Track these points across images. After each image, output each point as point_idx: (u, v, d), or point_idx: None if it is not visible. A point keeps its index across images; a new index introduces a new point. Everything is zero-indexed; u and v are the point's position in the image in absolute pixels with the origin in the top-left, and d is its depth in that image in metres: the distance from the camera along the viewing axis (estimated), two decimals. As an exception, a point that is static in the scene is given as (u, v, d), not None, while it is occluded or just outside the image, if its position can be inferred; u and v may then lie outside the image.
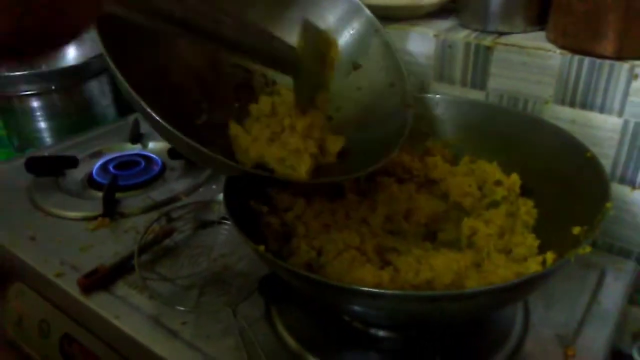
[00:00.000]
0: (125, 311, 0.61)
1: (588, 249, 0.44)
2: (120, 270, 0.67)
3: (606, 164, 0.70)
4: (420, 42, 0.80)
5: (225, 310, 0.60)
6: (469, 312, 0.46)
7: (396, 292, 0.43)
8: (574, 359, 0.54)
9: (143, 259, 0.68)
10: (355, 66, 0.68)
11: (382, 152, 0.59)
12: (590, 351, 0.55)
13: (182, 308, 0.60)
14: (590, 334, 0.57)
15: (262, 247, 0.47)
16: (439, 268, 0.50)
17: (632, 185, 0.69)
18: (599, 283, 0.64)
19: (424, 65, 0.81)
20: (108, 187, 0.79)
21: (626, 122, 0.67)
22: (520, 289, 0.43)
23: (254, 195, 0.60)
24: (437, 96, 0.73)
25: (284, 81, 0.63)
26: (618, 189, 0.70)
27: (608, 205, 0.48)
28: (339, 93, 0.65)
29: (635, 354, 0.75)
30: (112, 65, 0.47)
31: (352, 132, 0.63)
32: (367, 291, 0.42)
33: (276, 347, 0.56)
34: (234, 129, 0.59)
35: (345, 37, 0.68)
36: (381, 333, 0.56)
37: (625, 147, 0.68)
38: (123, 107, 1.20)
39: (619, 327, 0.69)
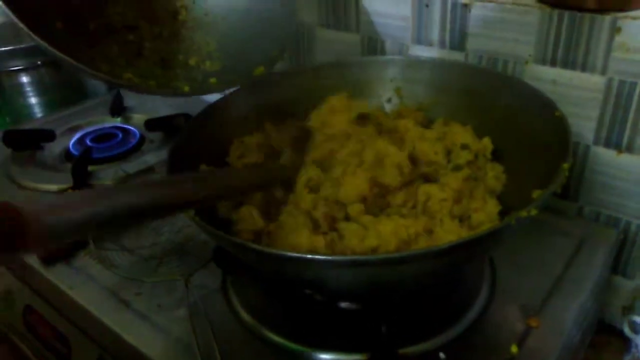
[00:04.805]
0: (81, 282, 0.60)
1: (534, 212, 0.40)
2: (83, 241, 0.66)
3: (590, 126, 0.66)
4: (396, 3, 0.76)
5: (181, 281, 0.58)
6: (409, 279, 0.44)
7: (303, 256, 0.39)
8: (537, 330, 0.50)
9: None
10: None
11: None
12: (556, 322, 0.51)
13: (136, 278, 0.59)
14: (558, 305, 0.53)
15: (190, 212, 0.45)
16: (385, 235, 0.47)
17: (618, 148, 0.65)
18: (575, 253, 0.60)
19: (401, 28, 0.77)
20: (77, 159, 0.78)
21: (610, 81, 0.62)
22: (450, 255, 0.39)
23: (206, 162, 0.57)
24: (409, 58, 0.69)
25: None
26: (603, 153, 0.66)
27: (565, 165, 0.44)
28: None
29: (626, 329, 0.71)
30: None
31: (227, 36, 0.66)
32: (283, 255, 0.39)
33: (228, 318, 0.55)
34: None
35: None
36: (343, 305, 0.54)
37: (610, 108, 0.63)
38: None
39: (600, 299, 0.66)
